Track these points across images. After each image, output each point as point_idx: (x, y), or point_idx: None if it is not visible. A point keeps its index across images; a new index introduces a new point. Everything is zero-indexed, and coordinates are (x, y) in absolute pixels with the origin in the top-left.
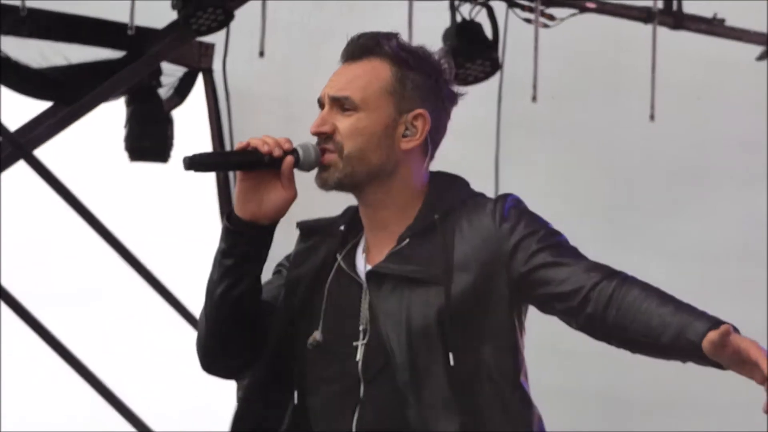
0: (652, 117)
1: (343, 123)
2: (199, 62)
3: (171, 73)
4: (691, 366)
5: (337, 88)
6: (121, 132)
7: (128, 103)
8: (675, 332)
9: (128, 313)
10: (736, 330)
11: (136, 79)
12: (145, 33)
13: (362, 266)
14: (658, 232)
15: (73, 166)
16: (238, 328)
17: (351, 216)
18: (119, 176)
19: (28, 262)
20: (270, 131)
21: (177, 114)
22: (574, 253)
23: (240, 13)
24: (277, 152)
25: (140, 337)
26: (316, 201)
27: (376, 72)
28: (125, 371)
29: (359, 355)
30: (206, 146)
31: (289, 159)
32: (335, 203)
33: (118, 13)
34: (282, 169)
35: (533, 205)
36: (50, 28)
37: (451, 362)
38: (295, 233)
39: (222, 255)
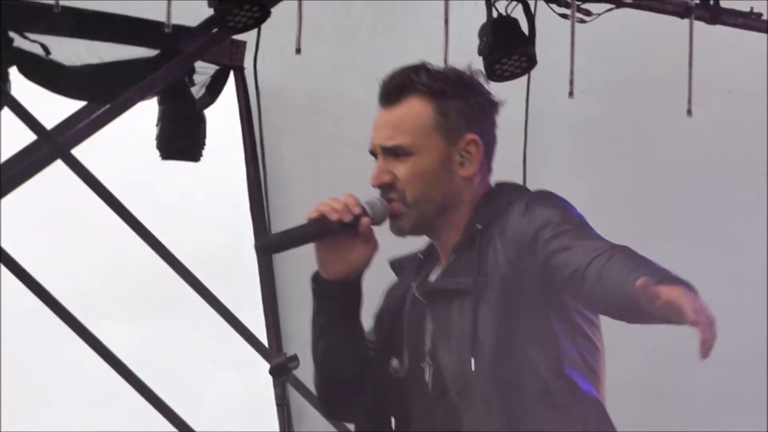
0: (689, 112)
1: (400, 170)
2: (231, 60)
3: (203, 71)
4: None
5: (385, 138)
6: (153, 131)
7: (160, 102)
8: (639, 294)
9: (171, 314)
10: (690, 287)
11: (172, 77)
12: (178, 31)
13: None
14: (691, 226)
15: (103, 165)
16: (347, 378)
17: (430, 246)
18: (149, 175)
19: (64, 261)
20: (298, 128)
21: (208, 111)
22: (584, 235)
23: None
24: (347, 218)
25: (178, 336)
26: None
27: (418, 111)
28: (166, 372)
29: (427, 376)
30: (237, 144)
31: (366, 221)
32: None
33: (151, 11)
34: (360, 231)
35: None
36: (84, 27)
37: (473, 367)
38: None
39: (316, 314)
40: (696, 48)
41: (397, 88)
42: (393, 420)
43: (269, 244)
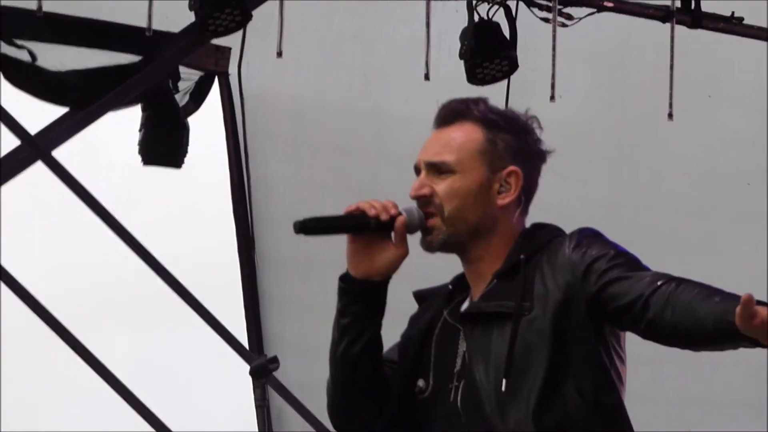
0: (670, 116)
1: (441, 186)
2: (216, 66)
3: (187, 77)
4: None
5: (432, 153)
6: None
7: (144, 108)
8: (717, 318)
9: (146, 313)
10: None
11: (152, 81)
12: (162, 37)
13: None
14: (671, 232)
15: (89, 171)
16: (362, 386)
17: (458, 279)
18: (132, 180)
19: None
20: (282, 133)
21: (192, 116)
22: (640, 267)
23: (255, 16)
24: (384, 216)
25: (153, 334)
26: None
27: (468, 134)
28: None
29: (455, 395)
30: (221, 148)
31: (402, 219)
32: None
33: (137, 19)
34: (396, 227)
35: (542, 203)
36: (68, 33)
37: (503, 387)
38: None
39: (340, 315)
40: (677, 52)
41: (454, 111)
42: None
43: (308, 225)
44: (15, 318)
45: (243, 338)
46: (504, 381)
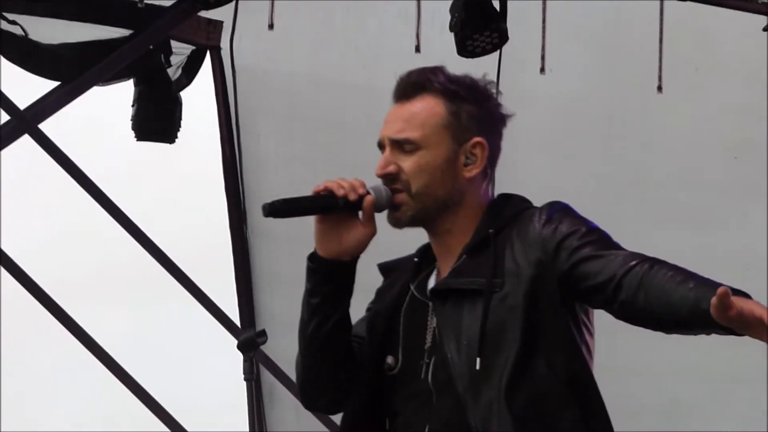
0: (659, 89)
1: (407, 162)
2: (207, 40)
3: (179, 51)
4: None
5: (396, 130)
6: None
7: (136, 84)
8: (692, 305)
9: (138, 288)
10: (747, 295)
11: (139, 53)
12: (154, 10)
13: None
14: (662, 204)
15: (81, 146)
16: (331, 364)
17: (424, 250)
18: (125, 155)
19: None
20: (274, 108)
21: (184, 91)
22: (612, 246)
23: None
24: (352, 196)
25: (145, 309)
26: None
27: (431, 108)
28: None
29: (426, 373)
30: (213, 123)
31: (370, 198)
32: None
33: None
34: (364, 207)
35: (534, 178)
36: (60, 7)
37: (477, 366)
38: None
39: (309, 294)
40: (666, 25)
41: (413, 85)
42: (387, 420)
43: (276, 208)
44: (5, 293)
45: (236, 314)
46: (478, 360)
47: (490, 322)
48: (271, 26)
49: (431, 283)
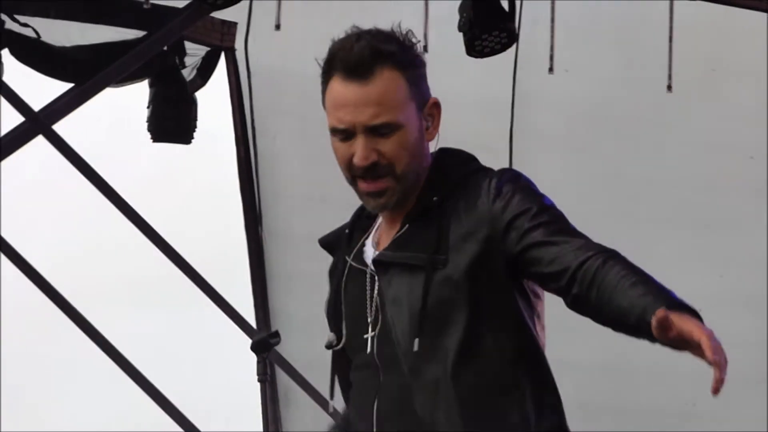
0: (669, 88)
1: (386, 145)
2: (222, 41)
3: (194, 53)
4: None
5: (370, 116)
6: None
7: (151, 84)
8: (639, 314)
9: (156, 291)
10: (694, 312)
11: (151, 54)
12: (167, 12)
13: (371, 257)
14: (676, 204)
15: (97, 148)
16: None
17: (356, 215)
18: (140, 157)
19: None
20: (288, 109)
21: (199, 92)
22: (566, 230)
23: None
24: None
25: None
26: None
27: (395, 84)
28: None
29: (371, 347)
30: (228, 124)
31: None
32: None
33: None
34: None
35: (547, 179)
36: (72, 9)
37: (415, 347)
38: None
39: None
40: (682, 25)
41: (367, 61)
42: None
43: None
44: (21, 297)
45: (252, 315)
46: (416, 341)
47: (433, 300)
48: (277, 27)
49: (369, 250)
